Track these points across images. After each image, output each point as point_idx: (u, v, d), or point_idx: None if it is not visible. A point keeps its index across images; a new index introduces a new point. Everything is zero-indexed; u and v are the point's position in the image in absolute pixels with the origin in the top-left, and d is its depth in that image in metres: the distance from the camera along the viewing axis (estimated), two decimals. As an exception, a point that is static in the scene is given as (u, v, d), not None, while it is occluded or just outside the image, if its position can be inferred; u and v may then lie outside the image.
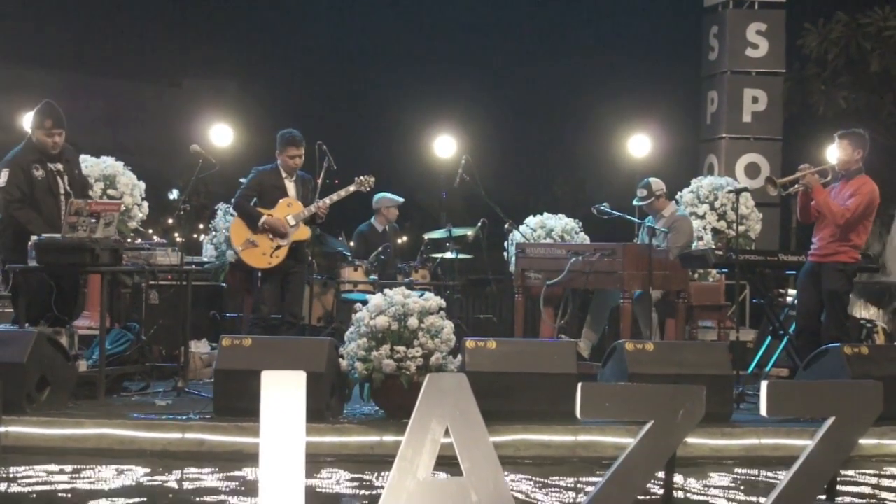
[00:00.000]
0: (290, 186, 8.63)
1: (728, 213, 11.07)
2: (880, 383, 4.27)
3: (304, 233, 8.60)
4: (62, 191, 7.66)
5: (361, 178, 8.98)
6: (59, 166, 7.71)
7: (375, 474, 5.79)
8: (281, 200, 8.54)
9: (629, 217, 9.39)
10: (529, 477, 5.85)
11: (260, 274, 8.63)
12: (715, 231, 11.05)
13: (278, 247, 8.45)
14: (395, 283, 9.23)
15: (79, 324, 8.12)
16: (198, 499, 5.28)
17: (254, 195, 8.58)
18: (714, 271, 10.05)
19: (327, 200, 8.65)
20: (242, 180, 8.74)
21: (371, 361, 6.55)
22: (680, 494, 5.50)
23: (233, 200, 8.73)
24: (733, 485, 5.83)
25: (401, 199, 11.12)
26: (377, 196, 10.95)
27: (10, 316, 7.83)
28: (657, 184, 9.30)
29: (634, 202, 9.41)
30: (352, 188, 8.90)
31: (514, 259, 9.54)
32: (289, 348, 6.81)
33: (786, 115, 14.75)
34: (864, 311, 10.09)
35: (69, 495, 5.28)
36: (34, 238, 7.17)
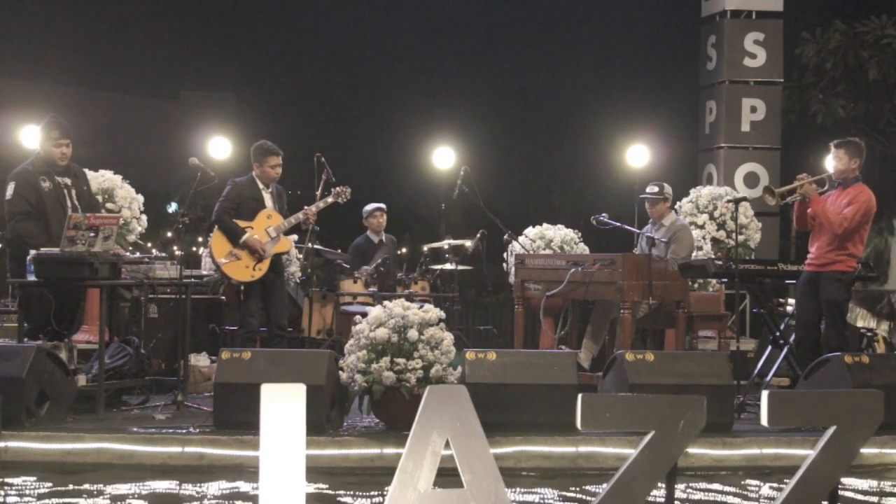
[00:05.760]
0: (268, 198, 8.62)
1: (727, 222, 11.08)
2: (881, 392, 4.27)
3: (285, 245, 8.59)
4: (69, 205, 7.68)
5: (338, 188, 8.99)
6: (68, 181, 7.78)
7: (376, 487, 5.77)
8: (261, 212, 8.53)
9: (628, 227, 9.36)
10: (530, 489, 5.83)
11: (242, 287, 8.61)
12: (714, 241, 11.05)
13: (260, 259, 8.44)
14: (395, 295, 9.22)
15: (78, 338, 8.11)
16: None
17: (234, 208, 8.56)
18: (714, 281, 10.04)
19: (314, 208, 8.67)
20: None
21: (371, 374, 6.54)
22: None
23: (214, 215, 8.65)
24: (735, 495, 5.81)
25: (379, 205, 11.13)
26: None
27: (14, 331, 7.82)
28: (668, 188, 9.19)
29: (642, 195, 9.27)
30: (329, 199, 8.90)
31: (513, 270, 9.53)
32: (288, 361, 6.78)
33: (784, 124, 14.77)
34: (863, 321, 10.08)
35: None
36: (33, 252, 7.17)
